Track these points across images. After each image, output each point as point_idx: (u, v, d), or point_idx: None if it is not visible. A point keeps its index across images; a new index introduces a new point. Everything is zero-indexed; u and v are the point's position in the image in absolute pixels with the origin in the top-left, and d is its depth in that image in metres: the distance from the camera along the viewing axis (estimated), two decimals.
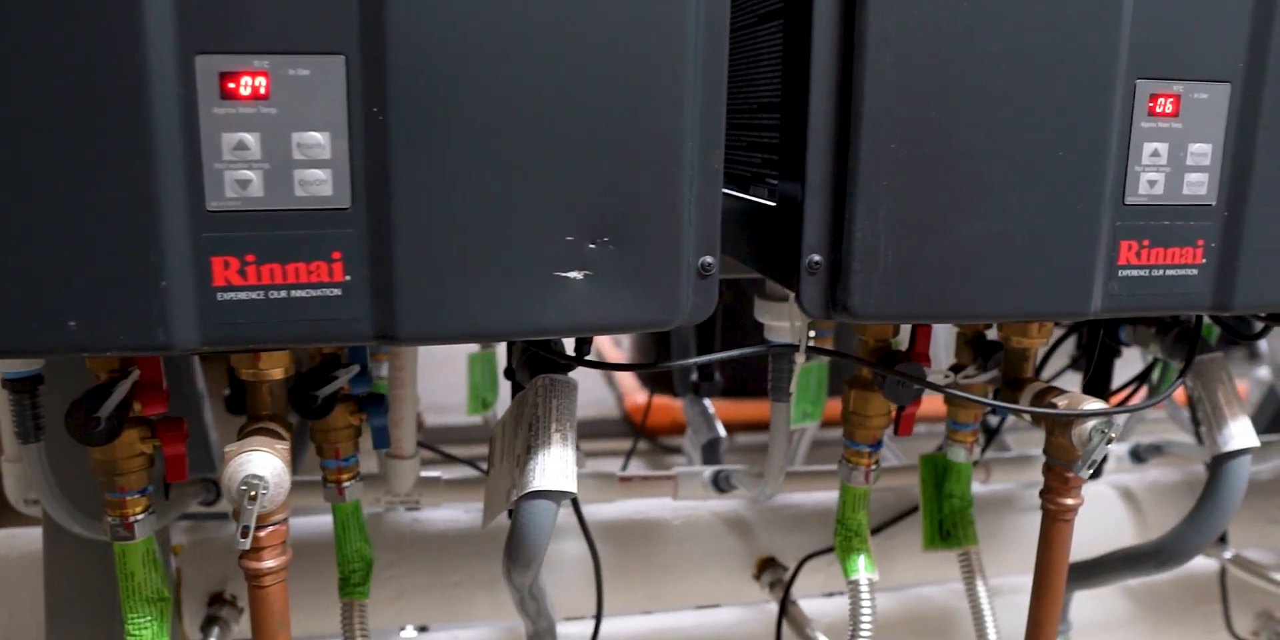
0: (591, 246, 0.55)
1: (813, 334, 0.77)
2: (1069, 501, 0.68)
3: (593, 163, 0.54)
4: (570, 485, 0.61)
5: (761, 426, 0.92)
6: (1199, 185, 0.62)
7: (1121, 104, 0.59)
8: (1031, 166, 0.58)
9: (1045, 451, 0.68)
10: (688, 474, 0.95)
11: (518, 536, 0.61)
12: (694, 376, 1.16)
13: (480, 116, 0.51)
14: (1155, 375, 1.07)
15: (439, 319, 0.54)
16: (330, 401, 0.69)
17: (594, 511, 0.95)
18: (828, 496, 0.99)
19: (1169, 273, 0.63)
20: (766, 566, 0.95)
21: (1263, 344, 1.31)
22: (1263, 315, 0.76)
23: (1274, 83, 0.61)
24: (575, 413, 0.65)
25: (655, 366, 0.67)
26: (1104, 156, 0.59)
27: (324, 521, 0.92)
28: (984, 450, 1.01)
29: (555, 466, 0.61)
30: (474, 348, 1.17)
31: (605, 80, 0.53)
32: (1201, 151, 0.62)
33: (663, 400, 2.00)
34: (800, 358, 0.66)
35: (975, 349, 0.78)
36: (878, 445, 0.74)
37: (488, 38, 0.51)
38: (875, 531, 0.98)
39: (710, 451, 1.14)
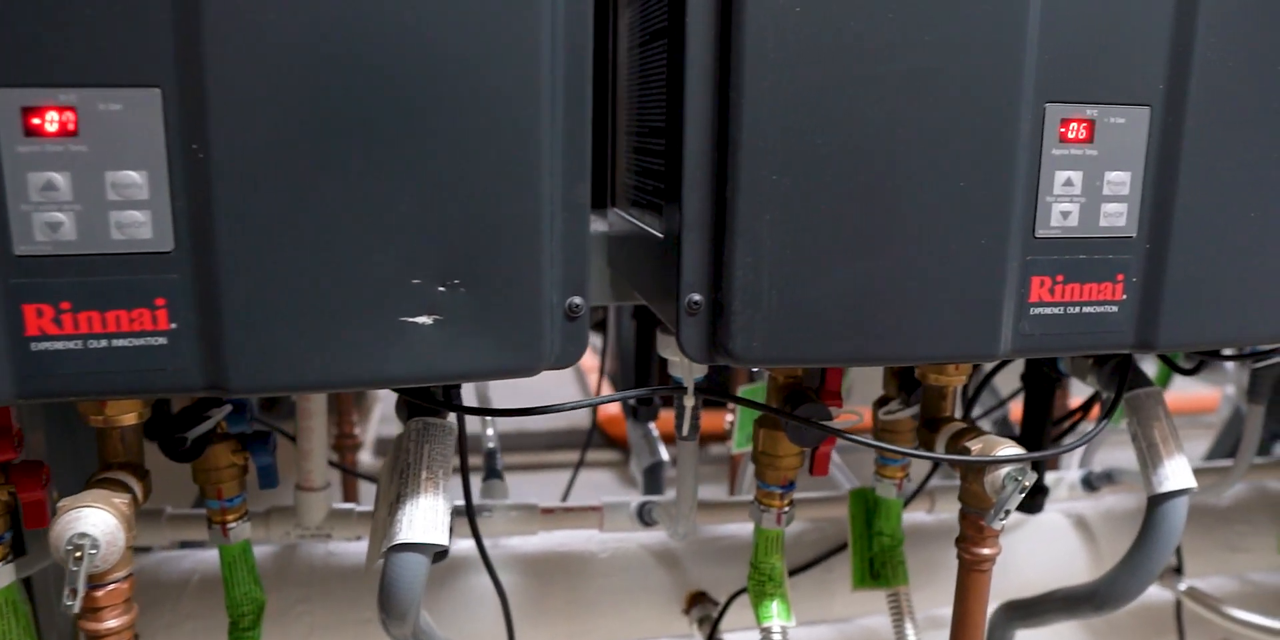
0: (440, 289, 0.51)
1: None
2: (985, 551, 0.64)
3: (438, 198, 0.49)
4: (438, 537, 0.57)
5: None
6: (1117, 216, 0.58)
7: (1029, 130, 0.55)
8: (929, 198, 0.54)
9: (960, 498, 0.64)
10: (614, 505, 0.91)
11: (387, 590, 0.58)
12: (632, 400, 1.13)
13: (309, 150, 0.47)
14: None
15: (272, 368, 0.49)
16: (201, 443, 0.66)
17: (518, 544, 0.91)
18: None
19: (1086, 310, 0.58)
20: (696, 601, 0.91)
21: (1230, 364, 1.25)
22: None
23: (1197, 105, 0.57)
24: (450, 458, 0.61)
25: (544, 410, 0.63)
26: (1010, 186, 0.55)
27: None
28: (928, 478, 0.97)
29: (423, 518, 0.57)
30: None
31: (449, 108, 0.48)
32: (1119, 180, 0.57)
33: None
34: (689, 400, 0.62)
35: (901, 382, 0.74)
36: (790, 487, 0.70)
37: (315, 63, 0.47)
38: (815, 562, 0.93)
39: (651, 476, 1.10)
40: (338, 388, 0.52)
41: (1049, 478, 1.02)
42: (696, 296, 0.55)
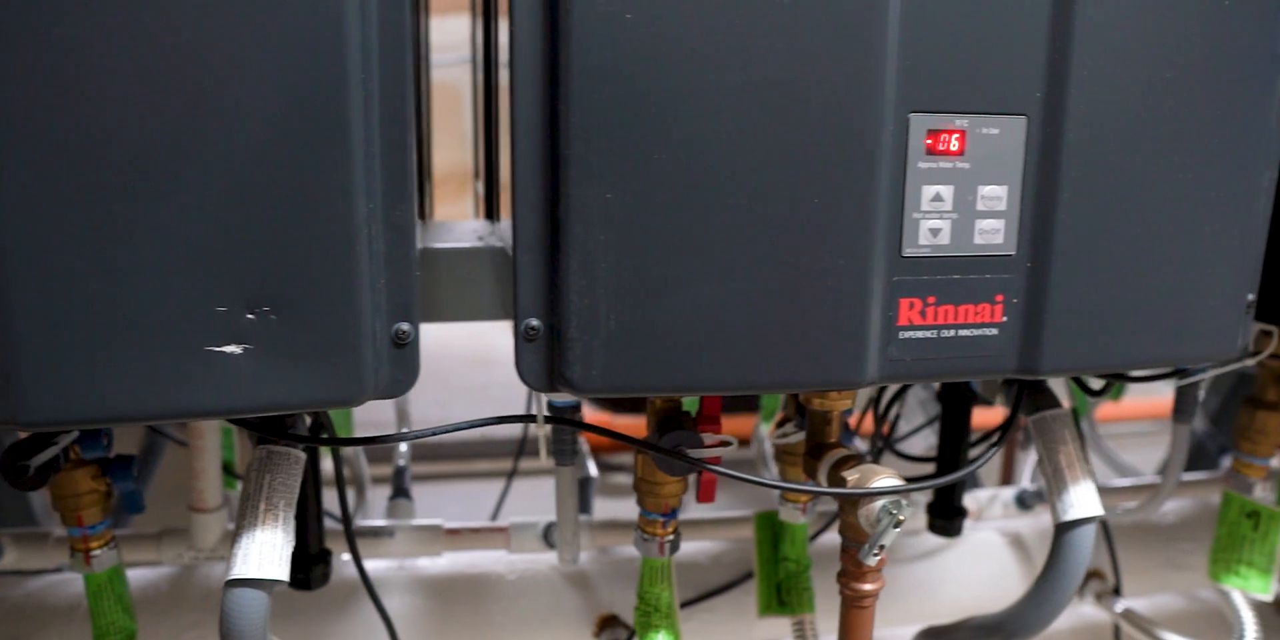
0: (250, 317, 0.47)
1: None
2: (866, 587, 0.60)
3: (238, 220, 0.46)
4: (275, 573, 0.54)
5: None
6: (993, 233, 0.54)
7: (892, 142, 0.51)
8: (780, 216, 0.50)
9: (840, 531, 0.60)
10: (521, 525, 0.87)
11: (225, 626, 0.55)
12: None
13: (83, 172, 0.44)
14: None
15: (66, 401, 0.46)
16: (45, 470, 0.63)
17: (426, 565, 0.88)
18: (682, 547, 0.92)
19: (963, 333, 0.55)
20: (608, 625, 0.87)
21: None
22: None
23: (1077, 115, 0.53)
24: (295, 488, 0.58)
25: (392, 439, 0.60)
26: (870, 202, 0.51)
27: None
28: None
29: (258, 552, 0.54)
30: None
31: (246, 124, 0.45)
32: (995, 195, 0.53)
33: (622, 419, 1.93)
34: (540, 429, 0.58)
35: (798, 403, 0.70)
36: (672, 514, 0.66)
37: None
38: (734, 585, 0.90)
39: (581, 492, 1.06)
40: (141, 420, 0.49)
41: (983, 496, 0.99)
42: (534, 321, 0.51)
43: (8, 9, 0.41)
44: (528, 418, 0.56)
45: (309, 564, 0.72)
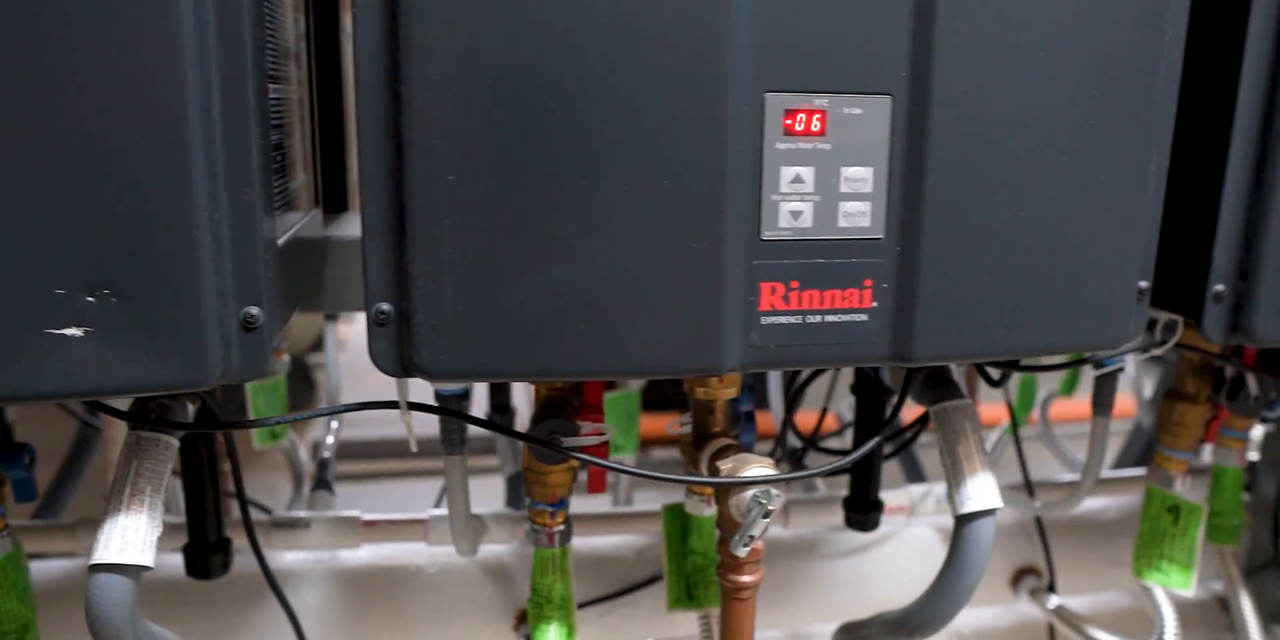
0: (90, 299, 0.47)
1: None
2: (744, 579, 0.59)
3: (79, 203, 0.45)
4: (139, 558, 0.54)
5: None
6: (859, 216, 0.53)
7: (747, 122, 0.50)
8: (628, 200, 0.49)
9: (717, 523, 0.59)
10: (441, 518, 0.87)
11: (89, 612, 0.54)
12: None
13: None
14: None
15: None
16: None
17: (343, 557, 0.87)
18: (604, 541, 0.91)
19: (829, 319, 0.54)
20: (526, 618, 0.87)
21: (1131, 369, 1.19)
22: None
23: (945, 94, 0.52)
24: (163, 474, 0.57)
25: (255, 424, 0.59)
26: (720, 184, 0.50)
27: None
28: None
29: (120, 538, 0.54)
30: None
31: (88, 106, 0.44)
32: (859, 177, 0.52)
33: None
34: (403, 416, 0.58)
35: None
36: (561, 504, 0.66)
37: None
38: (657, 579, 0.89)
39: (514, 486, 1.06)
40: None
41: (916, 491, 0.97)
42: (384, 306, 0.50)
43: None
44: (390, 404, 0.55)
45: (207, 553, 0.72)
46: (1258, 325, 0.63)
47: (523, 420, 1.30)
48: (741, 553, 0.56)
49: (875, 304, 0.54)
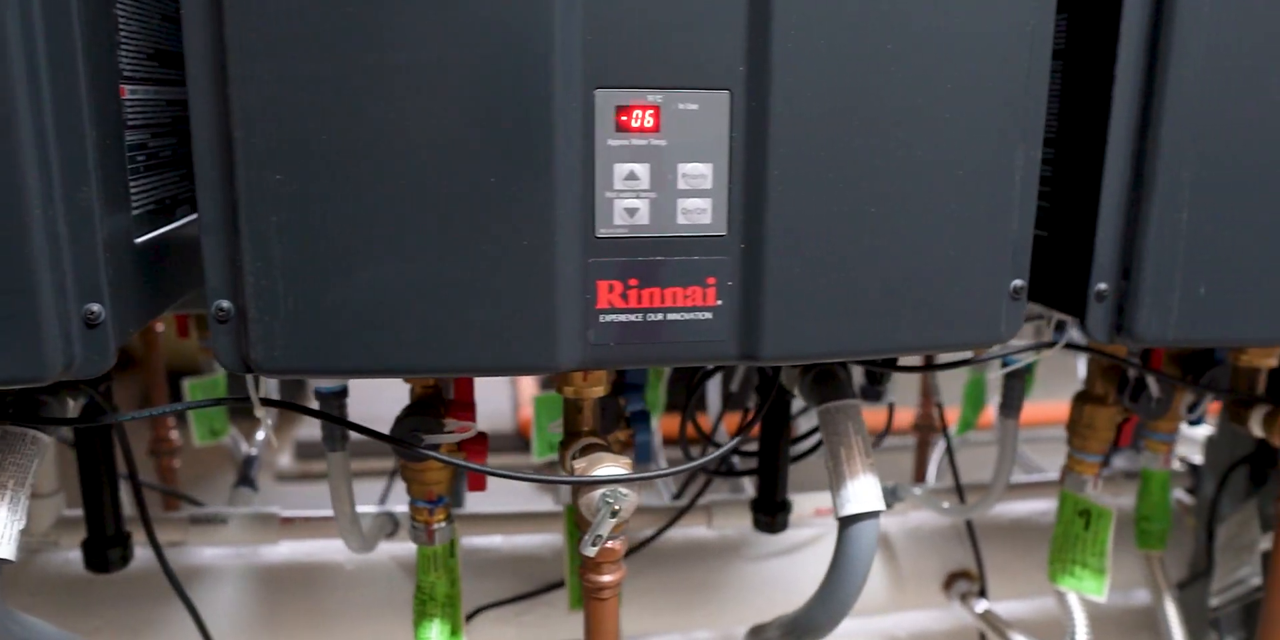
0: None
1: None
2: (604, 578, 0.59)
3: None
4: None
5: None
6: (699, 212, 0.52)
7: (577, 119, 0.49)
8: (455, 196, 0.49)
9: (575, 523, 0.59)
10: (359, 515, 0.87)
11: None
12: None
13: None
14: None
15: None
16: None
17: (262, 554, 0.88)
18: (527, 541, 0.91)
19: (671, 317, 0.53)
20: None
21: (1082, 369, 1.16)
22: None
23: (784, 89, 0.51)
24: (29, 469, 0.58)
25: (73, 422, 0.60)
26: (549, 181, 0.49)
27: None
28: (701, 492, 0.92)
29: None
30: None
31: None
32: (698, 173, 0.52)
33: None
34: (259, 412, 0.58)
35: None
36: (439, 501, 0.66)
37: None
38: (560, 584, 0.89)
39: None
40: None
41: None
42: (224, 303, 0.51)
43: None
44: (242, 400, 0.56)
45: (105, 546, 0.73)
46: (1140, 324, 0.62)
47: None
48: (590, 552, 0.56)
49: (720, 302, 0.53)
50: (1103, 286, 0.62)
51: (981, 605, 0.90)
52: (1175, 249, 0.61)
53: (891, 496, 0.93)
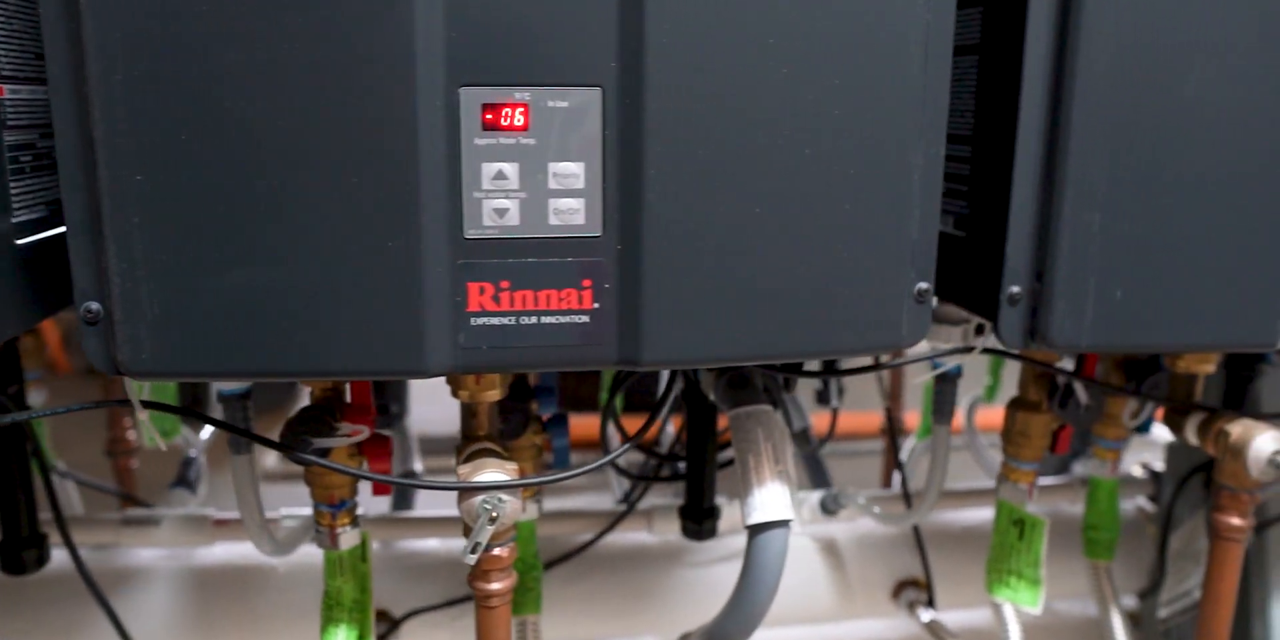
0: None
1: None
2: (490, 586, 0.58)
3: None
4: None
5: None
6: (572, 213, 0.51)
7: (441, 118, 0.48)
8: (318, 197, 0.48)
9: (464, 530, 0.58)
10: (293, 518, 0.87)
11: None
12: None
13: None
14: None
15: None
16: None
17: (197, 555, 0.88)
18: (460, 544, 0.90)
19: (546, 320, 0.52)
20: (377, 618, 0.86)
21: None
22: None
23: (659, 84, 0.49)
24: None
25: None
26: (414, 183, 0.48)
27: None
28: (641, 496, 0.90)
29: None
30: None
31: None
32: (570, 172, 0.50)
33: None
34: (141, 414, 0.57)
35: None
36: (341, 505, 0.65)
37: None
38: None
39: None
40: None
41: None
42: (94, 305, 0.50)
43: None
44: (122, 402, 0.55)
45: (19, 548, 0.73)
46: (1054, 329, 0.59)
47: (417, 420, 1.30)
48: (470, 560, 0.55)
49: (597, 305, 0.52)
50: (1015, 289, 0.60)
51: (928, 615, 0.88)
52: (1089, 251, 0.59)
53: (833, 503, 0.91)
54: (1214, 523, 0.69)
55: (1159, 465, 0.99)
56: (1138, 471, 1.00)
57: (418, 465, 1.11)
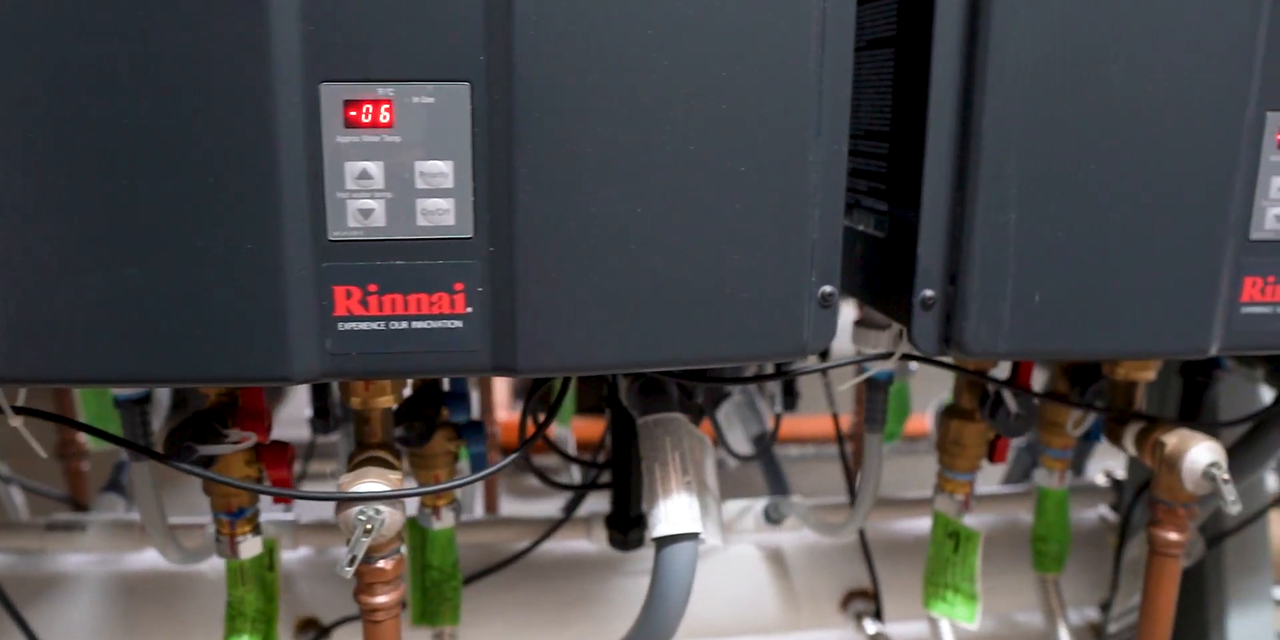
0: None
1: None
2: (375, 600, 0.55)
3: None
4: None
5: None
6: (441, 213, 0.49)
7: (300, 115, 0.46)
8: (172, 198, 0.46)
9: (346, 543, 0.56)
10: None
11: None
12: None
13: None
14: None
15: None
16: None
17: (126, 561, 0.86)
18: None
19: (418, 325, 0.50)
20: (307, 627, 0.85)
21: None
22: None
23: (529, 79, 0.47)
24: None
25: None
26: (272, 182, 0.46)
27: None
28: (576, 504, 0.88)
29: None
30: None
31: None
32: (437, 171, 0.48)
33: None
34: (13, 421, 0.56)
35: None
36: (240, 513, 0.63)
37: None
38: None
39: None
40: None
41: (734, 507, 0.91)
42: None
43: None
44: None
45: None
46: (968, 335, 0.56)
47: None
48: (346, 574, 0.52)
49: (470, 309, 0.50)
50: (928, 293, 0.57)
51: (873, 627, 0.85)
52: (1004, 252, 0.56)
53: (776, 512, 0.88)
54: (1150, 538, 0.65)
55: (1121, 473, 0.95)
56: (1100, 480, 0.97)
57: None
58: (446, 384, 0.71)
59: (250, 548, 0.64)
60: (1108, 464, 1.02)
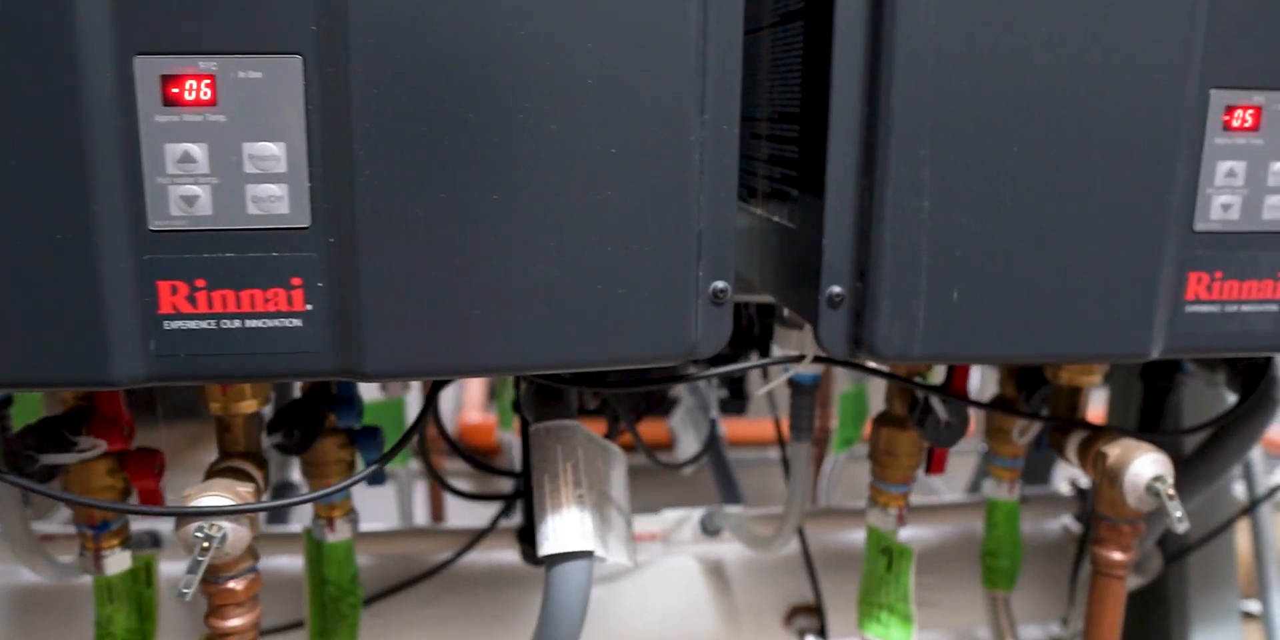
0: None
1: None
2: (226, 623, 0.51)
3: None
4: None
5: None
6: (274, 201, 0.44)
7: (112, 92, 0.41)
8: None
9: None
10: (136, 533, 0.81)
11: None
12: None
13: None
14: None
15: None
16: None
17: (18, 574, 0.82)
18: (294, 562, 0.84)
19: (252, 324, 0.45)
20: None
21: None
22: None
23: (366, 49, 0.42)
24: None
25: None
26: (80, 166, 0.41)
27: None
28: (500, 516, 0.83)
29: None
30: None
31: None
32: (268, 153, 0.43)
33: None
34: None
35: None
36: (104, 527, 0.58)
37: None
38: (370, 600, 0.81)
39: (281, 494, 1.00)
40: None
41: (671, 517, 0.86)
42: None
43: None
44: None
45: None
46: (879, 336, 0.51)
47: None
48: (185, 596, 0.48)
49: (310, 307, 0.45)
50: (836, 290, 0.52)
51: None
52: (917, 245, 0.51)
53: (711, 523, 0.83)
54: (1093, 557, 0.60)
55: (1085, 481, 0.90)
56: (1064, 488, 0.91)
57: (296, 475, 1.05)
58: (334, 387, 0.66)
59: (117, 563, 0.60)
60: (1073, 472, 0.96)
